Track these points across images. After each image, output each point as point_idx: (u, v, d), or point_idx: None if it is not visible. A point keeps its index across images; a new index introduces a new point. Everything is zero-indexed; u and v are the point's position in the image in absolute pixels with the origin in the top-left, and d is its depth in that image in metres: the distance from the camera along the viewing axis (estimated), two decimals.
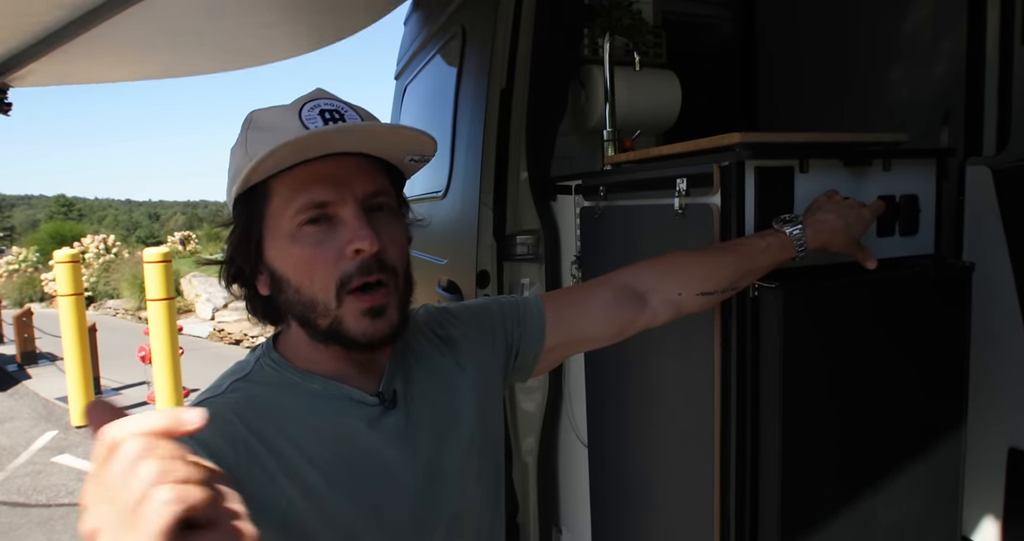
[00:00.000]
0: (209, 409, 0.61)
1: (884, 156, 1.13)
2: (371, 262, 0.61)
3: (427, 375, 0.74)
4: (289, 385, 0.66)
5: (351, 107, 0.65)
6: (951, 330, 1.16)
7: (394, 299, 0.63)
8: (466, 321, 0.83)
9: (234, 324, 8.33)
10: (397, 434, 0.68)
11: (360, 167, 0.62)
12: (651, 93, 1.83)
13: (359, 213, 0.61)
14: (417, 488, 0.67)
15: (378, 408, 0.67)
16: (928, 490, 1.15)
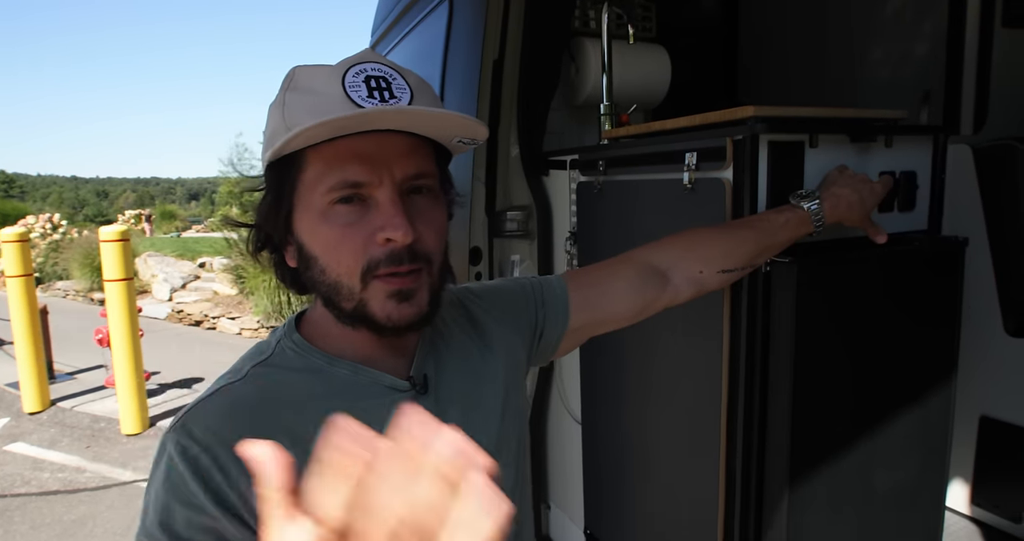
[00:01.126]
0: (232, 395, 0.58)
1: (887, 132, 1.14)
2: (402, 252, 0.57)
3: (456, 357, 0.72)
4: (314, 370, 0.62)
5: (400, 74, 0.59)
6: (945, 303, 1.19)
7: (425, 284, 0.60)
8: (490, 301, 0.81)
9: (193, 305, 8.07)
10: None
11: (403, 146, 0.58)
12: (642, 67, 1.81)
13: (395, 198, 0.57)
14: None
15: (410, 393, 0.65)
16: (920, 456, 1.20)
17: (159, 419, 4.36)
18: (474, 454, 0.29)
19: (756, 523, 1.10)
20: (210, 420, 0.57)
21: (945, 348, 1.21)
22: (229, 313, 7.60)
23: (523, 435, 0.79)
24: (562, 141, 1.95)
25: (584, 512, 1.61)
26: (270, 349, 0.65)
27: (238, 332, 7.28)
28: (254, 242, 0.65)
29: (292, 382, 0.61)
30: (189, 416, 0.58)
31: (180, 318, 7.87)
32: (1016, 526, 1.54)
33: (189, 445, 0.55)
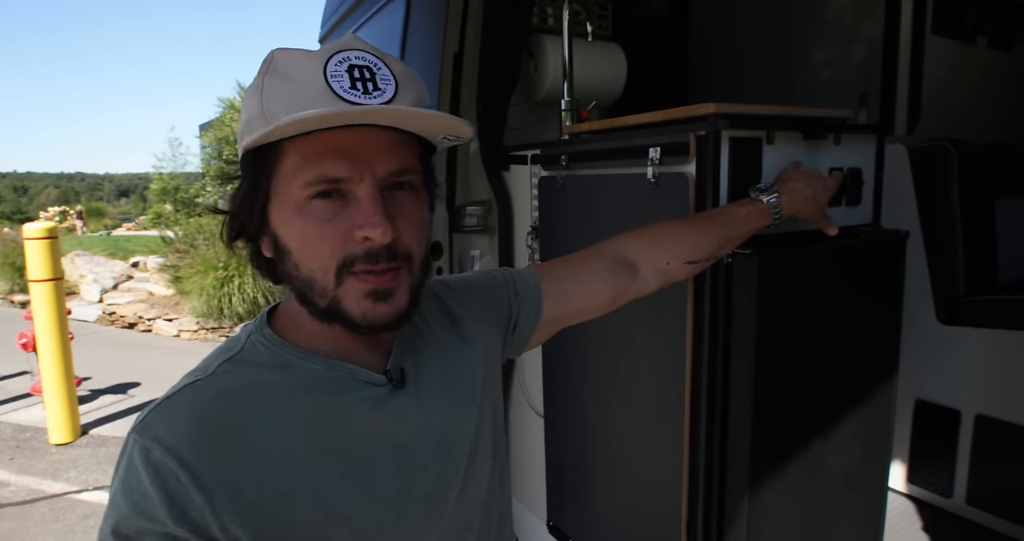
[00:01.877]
0: (198, 394, 0.56)
1: (837, 130, 1.20)
2: (380, 250, 0.55)
3: (433, 351, 0.71)
4: (285, 365, 0.60)
5: (386, 63, 0.57)
6: (889, 292, 1.26)
7: (404, 283, 0.58)
8: (465, 294, 0.80)
9: (126, 307, 7.67)
10: (406, 413, 0.64)
11: (385, 141, 0.56)
12: (600, 65, 1.83)
13: (375, 195, 0.55)
14: (427, 466, 0.65)
15: (386, 387, 0.63)
16: (867, 438, 1.26)
17: (92, 427, 4.13)
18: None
19: (719, 511, 1.14)
20: (175, 420, 0.54)
21: (890, 335, 1.28)
22: (166, 314, 7.27)
23: (500, 426, 0.79)
24: (521, 136, 1.96)
25: (547, 505, 1.62)
26: (239, 345, 0.62)
27: (176, 334, 6.97)
28: (228, 230, 0.63)
29: (263, 378, 0.59)
30: (153, 415, 0.55)
31: (112, 320, 7.47)
32: (947, 500, 1.65)
33: (151, 447, 0.52)
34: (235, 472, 0.53)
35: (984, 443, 1.57)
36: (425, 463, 0.64)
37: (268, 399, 0.57)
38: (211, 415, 0.54)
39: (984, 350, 1.58)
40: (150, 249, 9.95)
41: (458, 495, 0.68)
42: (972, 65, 2.02)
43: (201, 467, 0.52)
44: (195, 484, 0.51)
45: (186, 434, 0.53)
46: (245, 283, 6.67)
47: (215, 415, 0.55)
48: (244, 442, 0.54)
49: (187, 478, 0.51)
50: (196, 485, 0.51)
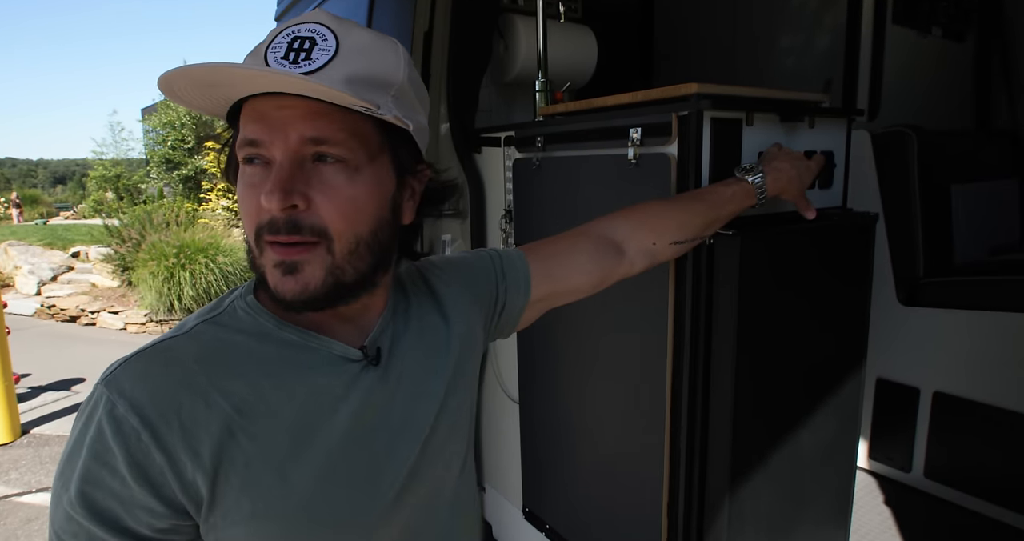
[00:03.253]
0: (170, 352, 0.54)
1: (812, 113, 1.21)
2: (280, 221, 0.53)
3: (414, 330, 0.70)
4: (263, 333, 0.59)
5: (336, 35, 0.55)
6: (859, 272, 1.29)
7: (318, 261, 0.55)
8: (451, 274, 0.79)
9: (67, 299, 7.29)
10: (376, 392, 0.63)
11: (309, 109, 0.53)
12: (571, 47, 1.81)
13: (283, 162, 0.53)
14: (393, 446, 0.64)
15: (360, 364, 0.62)
16: (838, 415, 1.29)
17: (33, 426, 3.92)
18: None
19: (699, 492, 1.14)
20: (143, 377, 0.53)
21: (860, 313, 1.31)
22: (111, 307, 6.94)
23: (472, 409, 0.78)
24: (491, 119, 1.92)
25: (523, 491, 1.61)
26: (221, 307, 0.61)
27: (122, 327, 6.68)
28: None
29: (238, 344, 0.58)
30: (122, 369, 0.54)
31: (52, 314, 7.10)
32: (906, 475, 1.71)
33: (116, 402, 0.51)
34: (197, 435, 0.52)
35: (941, 419, 1.64)
36: (391, 443, 0.63)
37: (239, 366, 0.56)
38: (179, 375, 0.54)
39: (941, 330, 1.64)
40: (92, 238, 9.48)
41: (423, 477, 0.67)
42: (928, 54, 2.09)
43: (163, 428, 0.51)
44: (156, 444, 0.51)
45: (152, 392, 0.52)
46: (197, 272, 6.43)
47: (183, 376, 0.54)
48: (209, 406, 0.53)
49: (148, 437, 0.51)
50: (157, 445, 0.51)
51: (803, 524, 1.29)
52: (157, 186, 13.78)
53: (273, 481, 0.55)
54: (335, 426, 0.59)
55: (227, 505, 0.53)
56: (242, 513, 0.53)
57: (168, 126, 13.37)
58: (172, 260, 6.47)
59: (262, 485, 0.54)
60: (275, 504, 0.55)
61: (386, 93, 0.56)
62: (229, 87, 0.52)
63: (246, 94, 0.54)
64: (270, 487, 0.54)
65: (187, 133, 13.24)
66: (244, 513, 0.53)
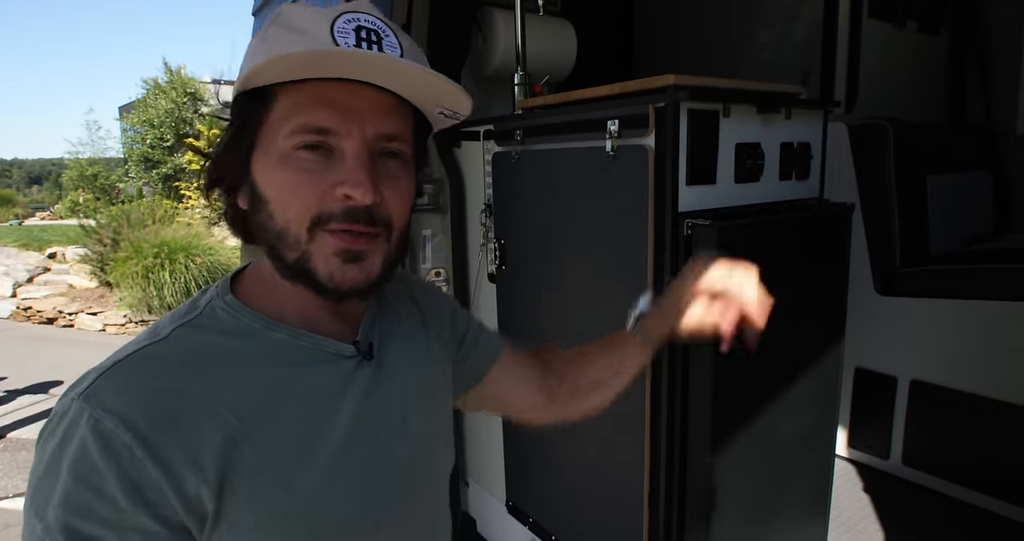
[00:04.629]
0: (152, 360, 0.51)
1: (789, 105, 1.22)
2: (360, 212, 0.53)
3: (401, 334, 0.68)
4: (247, 333, 0.56)
5: (395, 32, 0.55)
6: (835, 261, 1.31)
7: (380, 251, 0.56)
8: (436, 298, 0.78)
9: (44, 301, 7.16)
10: (372, 388, 0.61)
11: (380, 102, 0.54)
12: (550, 40, 1.81)
13: (363, 153, 0.53)
14: (392, 446, 0.62)
15: (354, 360, 0.60)
16: (817, 403, 1.31)
17: (9, 430, 3.85)
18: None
19: (680, 482, 1.15)
20: (127, 389, 0.49)
21: (837, 303, 1.32)
22: (89, 308, 6.84)
23: (450, 420, 0.77)
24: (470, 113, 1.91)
25: (506, 486, 1.61)
26: (197, 310, 0.57)
27: (101, 329, 6.57)
28: (207, 178, 0.59)
29: (222, 346, 0.55)
30: (101, 382, 0.50)
31: (28, 316, 6.96)
32: (885, 462, 1.74)
33: (102, 418, 0.47)
34: (199, 446, 0.49)
35: (918, 407, 1.66)
36: (393, 443, 0.62)
37: (228, 368, 0.54)
38: (167, 384, 0.50)
39: (918, 318, 1.66)
40: (69, 239, 9.32)
41: (422, 479, 0.66)
42: (904, 48, 2.11)
43: (160, 441, 0.48)
44: (152, 459, 0.47)
45: (144, 403, 0.49)
46: (177, 272, 6.35)
47: (171, 384, 0.50)
48: (207, 414, 0.50)
49: (142, 452, 0.47)
50: (154, 460, 0.47)
51: (783, 511, 1.31)
52: (136, 185, 13.58)
53: (276, 490, 0.52)
54: (337, 427, 0.57)
55: (232, 518, 0.50)
56: (246, 526, 0.51)
57: (147, 124, 13.17)
58: (151, 260, 6.38)
59: (267, 495, 0.52)
60: (279, 514, 0.52)
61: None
62: (324, 68, 0.51)
63: (337, 75, 0.52)
64: (274, 496, 0.52)
65: (166, 131, 13.05)
66: (248, 525, 0.51)
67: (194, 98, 13.44)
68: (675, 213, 1.07)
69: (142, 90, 13.80)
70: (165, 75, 13.64)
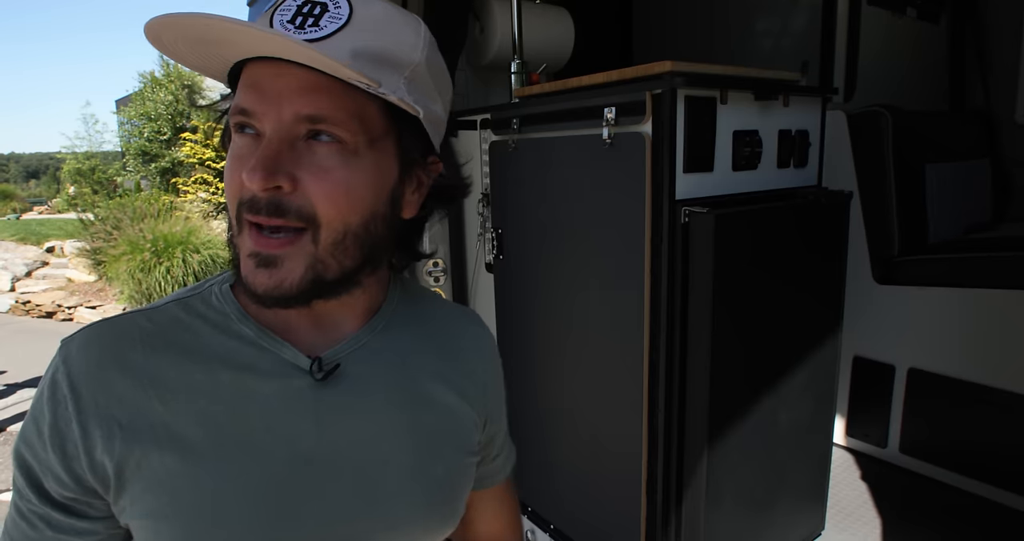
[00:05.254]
0: (124, 328, 0.54)
1: (787, 91, 1.21)
2: (262, 201, 0.48)
3: (408, 364, 0.60)
4: (221, 323, 0.55)
5: (353, 4, 0.49)
6: (833, 249, 1.30)
7: (299, 255, 0.49)
8: (491, 360, 0.68)
9: (43, 295, 7.15)
10: (314, 413, 0.54)
11: (306, 82, 0.47)
12: (548, 29, 1.80)
13: (275, 136, 0.48)
14: (315, 482, 0.54)
15: (306, 377, 0.54)
16: (814, 391, 1.31)
17: (9, 423, 3.85)
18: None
19: (678, 468, 1.15)
20: (90, 346, 0.51)
21: (834, 290, 1.32)
22: (88, 301, 6.83)
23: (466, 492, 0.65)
24: (465, 103, 1.90)
25: None
26: (199, 289, 0.58)
27: None
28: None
29: (193, 330, 0.54)
30: (82, 333, 0.52)
31: (27, 310, 6.95)
32: (882, 450, 1.74)
33: (59, 366, 0.51)
34: (116, 416, 0.50)
35: (916, 394, 1.66)
36: (318, 481, 0.54)
37: (181, 355, 0.53)
38: (119, 352, 0.52)
39: (916, 307, 1.66)
40: (67, 233, 9.30)
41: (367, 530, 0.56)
42: (903, 36, 2.10)
43: (87, 401, 0.50)
44: (77, 417, 0.49)
45: (89, 363, 0.50)
46: (175, 265, 6.34)
47: (123, 353, 0.52)
48: (136, 390, 0.51)
49: (72, 408, 0.49)
50: (78, 418, 0.49)
51: (782, 498, 1.31)
52: (134, 179, 13.54)
53: (182, 483, 0.50)
54: (256, 438, 0.52)
55: (132, 495, 0.49)
56: (146, 507, 0.50)
57: (144, 117, 13.10)
58: (147, 254, 6.37)
59: (169, 484, 0.50)
60: (178, 506, 0.50)
61: (397, 73, 0.50)
62: (220, 45, 0.47)
63: (240, 57, 0.49)
64: (177, 488, 0.50)
65: (163, 124, 12.99)
66: (148, 507, 0.50)
67: (191, 90, 13.38)
68: (672, 200, 1.07)
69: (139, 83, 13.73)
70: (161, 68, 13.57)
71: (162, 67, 13.57)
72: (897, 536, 1.43)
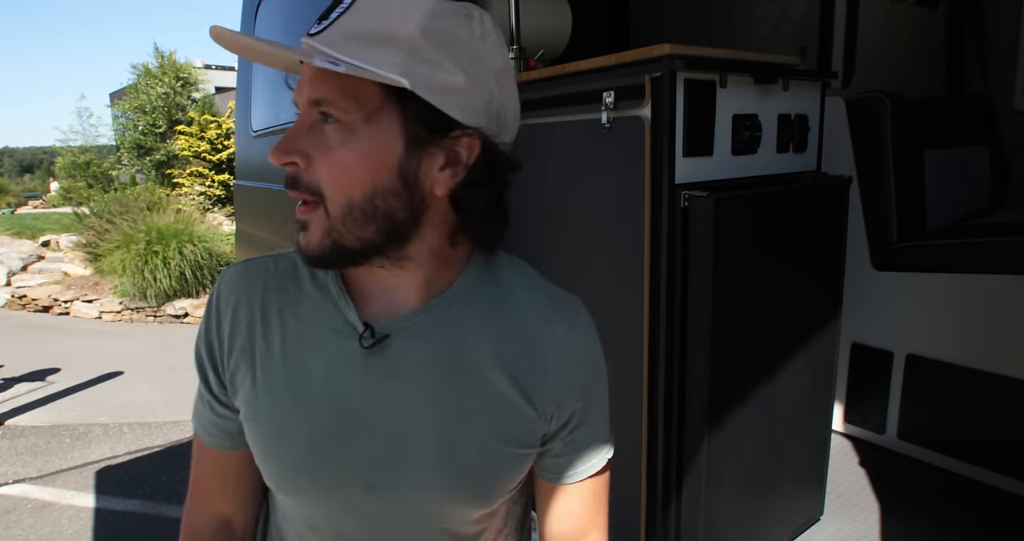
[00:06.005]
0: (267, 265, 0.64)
1: (786, 75, 1.20)
2: (288, 177, 0.55)
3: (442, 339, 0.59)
4: (321, 278, 0.62)
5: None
6: (832, 234, 1.30)
7: (318, 222, 0.54)
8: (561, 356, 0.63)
9: (39, 289, 7.13)
10: (355, 376, 0.58)
11: (313, 70, 0.53)
12: (545, 16, 1.78)
13: (300, 120, 0.54)
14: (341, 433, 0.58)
15: (353, 342, 0.57)
16: (813, 376, 1.31)
17: (8, 417, 3.86)
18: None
19: (678, 454, 1.15)
20: (241, 270, 0.63)
21: (834, 275, 1.32)
22: (84, 295, 6.82)
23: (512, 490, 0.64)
24: None
25: None
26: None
27: (97, 316, 6.56)
28: None
29: (300, 280, 0.62)
30: (232, 266, 0.65)
31: (23, 304, 6.94)
32: (880, 436, 1.75)
33: (220, 281, 0.63)
34: (234, 334, 0.61)
35: (913, 381, 1.67)
36: (358, 436, 0.58)
37: (287, 302, 0.61)
38: (248, 290, 0.62)
39: (914, 293, 1.66)
40: (62, 227, 9.27)
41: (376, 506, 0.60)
42: (902, 22, 2.09)
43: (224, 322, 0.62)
44: (217, 331, 0.62)
45: (228, 292, 0.62)
46: (171, 258, 6.32)
47: (250, 291, 0.62)
48: (251, 324, 0.61)
49: (215, 323, 0.62)
50: (217, 332, 0.62)
51: (781, 484, 1.31)
52: (129, 173, 13.47)
53: (256, 407, 0.60)
54: (313, 386, 0.59)
55: (237, 399, 0.62)
56: (242, 412, 0.62)
57: (138, 110, 13.03)
58: (143, 247, 6.35)
59: (251, 403, 0.61)
60: (254, 423, 0.61)
61: (394, 48, 0.50)
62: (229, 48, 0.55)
63: (237, 52, 0.56)
64: (254, 409, 0.60)
65: (158, 117, 12.92)
66: (243, 412, 0.62)
67: (186, 83, 13.29)
68: (672, 184, 1.06)
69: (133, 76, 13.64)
70: (156, 60, 13.47)
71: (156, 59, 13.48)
72: (896, 521, 1.43)
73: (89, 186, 13.87)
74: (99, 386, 4.41)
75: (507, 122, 0.59)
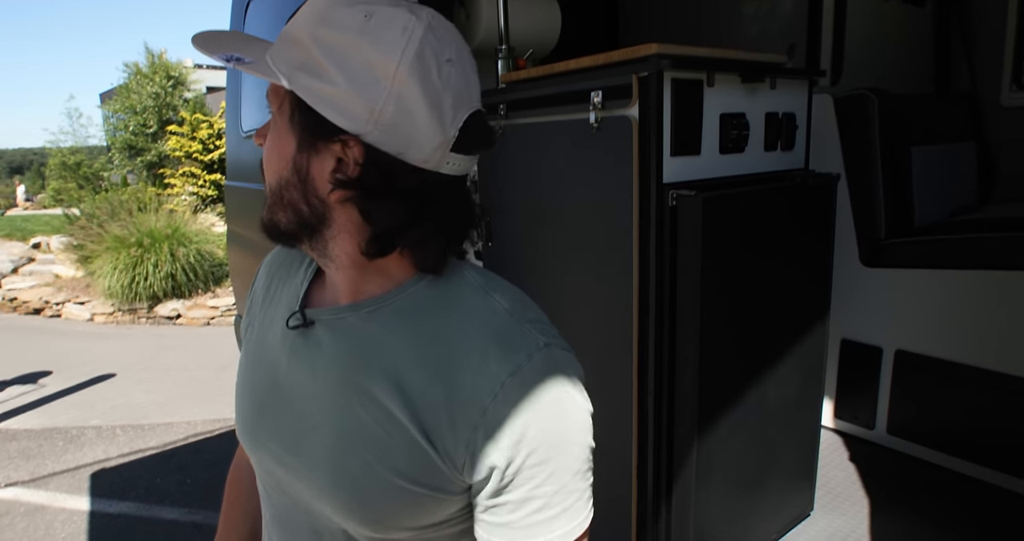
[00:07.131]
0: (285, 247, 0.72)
1: (774, 74, 1.21)
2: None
3: (353, 355, 0.57)
4: (310, 261, 0.68)
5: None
6: (821, 232, 1.31)
7: (268, 202, 0.60)
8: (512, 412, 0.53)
9: (30, 291, 7.08)
10: (284, 351, 0.62)
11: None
12: (534, 14, 1.78)
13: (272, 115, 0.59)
14: (262, 404, 0.64)
15: (286, 323, 0.61)
16: (803, 371, 1.32)
17: (1, 420, 3.83)
18: None
19: (668, 447, 1.16)
20: (274, 251, 0.73)
21: (822, 272, 1.33)
22: (76, 297, 6.77)
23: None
24: None
25: None
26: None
27: (89, 318, 6.52)
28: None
29: (301, 261, 0.69)
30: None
31: (14, 307, 6.89)
32: (870, 432, 1.76)
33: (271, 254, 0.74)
34: (256, 303, 0.71)
35: (903, 376, 1.68)
36: (279, 407, 0.62)
37: (286, 279, 0.68)
38: (273, 264, 0.72)
39: (903, 289, 1.68)
40: (53, 228, 9.20)
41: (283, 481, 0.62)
42: (890, 19, 2.10)
43: (258, 285, 0.73)
44: (253, 290, 0.74)
45: (265, 263, 0.74)
46: (162, 260, 6.29)
47: (274, 265, 0.72)
48: (266, 294, 0.70)
49: (253, 283, 0.75)
50: (253, 291, 0.74)
51: (771, 479, 1.32)
52: (120, 173, 13.38)
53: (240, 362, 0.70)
54: (263, 353, 0.66)
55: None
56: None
57: (129, 110, 12.93)
58: (134, 249, 6.31)
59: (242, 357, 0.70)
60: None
61: (296, 47, 0.51)
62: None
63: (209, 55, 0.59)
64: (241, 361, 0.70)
65: (149, 117, 12.82)
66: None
67: (177, 83, 13.20)
68: (660, 184, 1.07)
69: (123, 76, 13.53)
70: (146, 60, 13.37)
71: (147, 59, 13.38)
72: (886, 516, 1.45)
73: (80, 187, 13.76)
74: (91, 388, 4.38)
75: (405, 132, 0.50)
